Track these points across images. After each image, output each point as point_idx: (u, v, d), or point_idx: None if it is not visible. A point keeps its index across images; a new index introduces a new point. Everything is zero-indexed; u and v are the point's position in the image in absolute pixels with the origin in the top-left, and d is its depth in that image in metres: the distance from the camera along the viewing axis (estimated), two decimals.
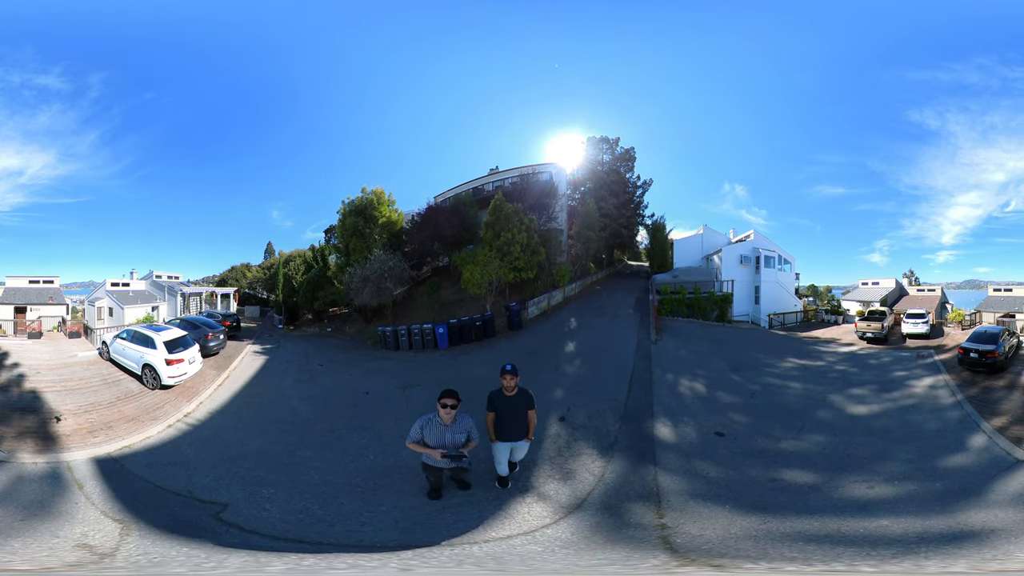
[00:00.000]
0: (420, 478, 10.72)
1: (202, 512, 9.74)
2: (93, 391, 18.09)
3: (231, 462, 12.53)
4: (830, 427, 14.70)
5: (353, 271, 42.42)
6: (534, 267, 39.35)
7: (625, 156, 60.00)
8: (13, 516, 9.15)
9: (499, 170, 56.21)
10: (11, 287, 46.97)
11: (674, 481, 10.71)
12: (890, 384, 20.00)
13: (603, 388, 18.05)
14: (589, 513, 9.29)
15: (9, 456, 12.10)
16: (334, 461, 12.55)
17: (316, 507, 9.93)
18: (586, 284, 49.81)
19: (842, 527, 8.44)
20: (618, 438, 13.29)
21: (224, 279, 79.04)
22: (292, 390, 21.13)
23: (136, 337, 20.94)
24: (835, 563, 7.18)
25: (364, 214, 47.50)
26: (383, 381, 22.96)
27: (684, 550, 7.67)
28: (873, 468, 11.40)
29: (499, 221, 38.54)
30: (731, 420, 15.31)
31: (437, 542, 8.31)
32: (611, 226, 54.80)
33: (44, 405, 15.91)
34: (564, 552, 7.80)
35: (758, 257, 46.60)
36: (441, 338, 31.96)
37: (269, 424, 16.18)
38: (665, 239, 58.70)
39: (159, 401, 17.77)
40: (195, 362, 21.09)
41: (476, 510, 9.45)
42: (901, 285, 61.19)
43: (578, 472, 11.15)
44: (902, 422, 15.11)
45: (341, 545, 8.42)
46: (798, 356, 26.60)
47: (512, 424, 10.12)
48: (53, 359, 23.42)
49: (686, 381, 19.81)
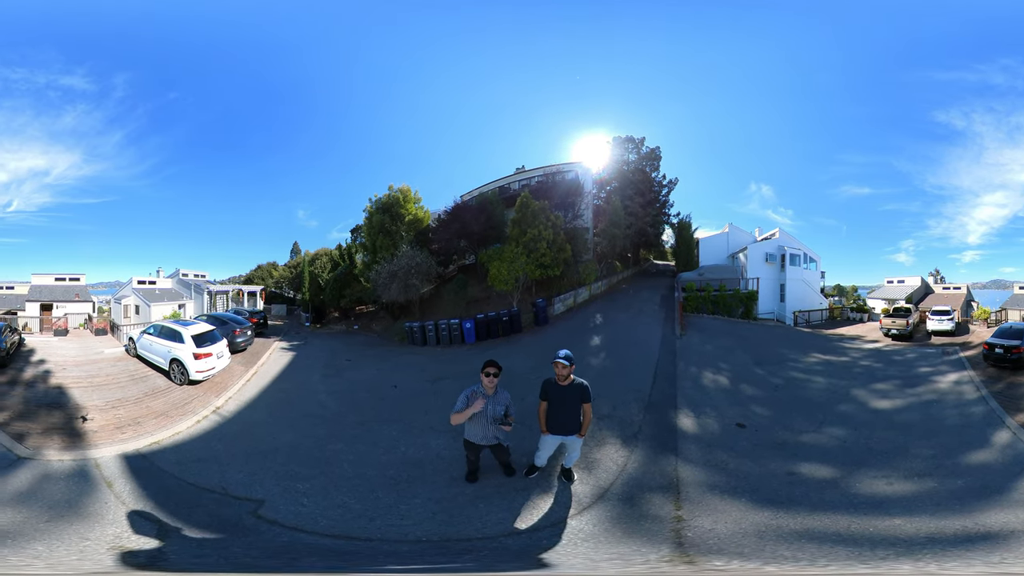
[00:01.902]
0: (451, 469, 10.87)
1: (239, 509, 9.39)
2: (120, 387, 17.87)
3: (263, 456, 12.20)
4: (852, 421, 14.49)
5: (380, 268, 42.37)
6: (560, 264, 39.30)
7: (651, 155, 60.19)
8: (38, 517, 8.77)
9: (525, 169, 56.43)
10: (37, 285, 47.36)
11: (694, 472, 10.69)
12: (914, 379, 19.75)
13: (628, 380, 17.91)
14: (611, 504, 9.22)
15: (35, 453, 11.81)
16: (366, 454, 12.27)
17: (353, 501, 9.66)
18: (612, 282, 49.98)
19: (852, 525, 8.27)
20: (641, 428, 13.25)
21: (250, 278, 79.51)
22: (320, 384, 20.83)
23: (163, 332, 20.72)
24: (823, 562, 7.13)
25: (391, 212, 47.44)
26: (411, 375, 22.64)
27: (690, 545, 7.67)
28: (893, 463, 11.19)
29: (525, 218, 38.53)
30: (753, 412, 15.16)
31: (476, 535, 8.25)
32: (636, 224, 54.68)
33: (70, 401, 15.69)
34: (585, 545, 7.78)
35: (783, 255, 46.66)
36: (468, 333, 31.68)
37: (299, 418, 15.88)
38: (691, 238, 58.95)
39: (187, 396, 17.47)
40: (223, 356, 20.84)
41: (506, 501, 9.34)
42: (926, 283, 62.00)
43: (602, 461, 11.09)
44: (925, 417, 14.86)
45: (387, 540, 8.19)
46: (822, 352, 26.40)
47: (562, 416, 9.57)
48: (79, 356, 23.33)
49: (710, 374, 19.71)
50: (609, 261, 51.91)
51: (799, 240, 50.14)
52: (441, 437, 12.98)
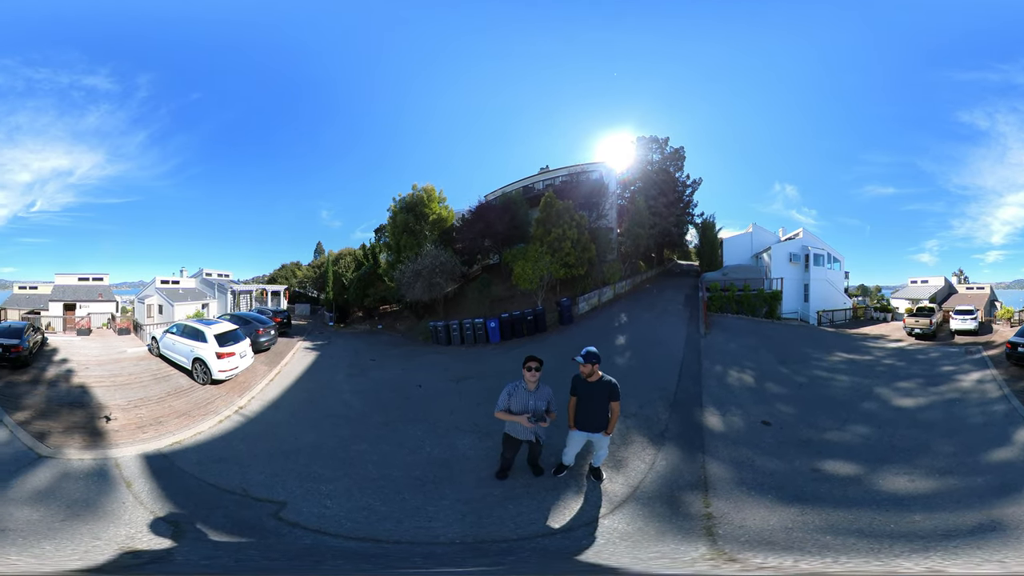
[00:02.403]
0: (478, 469, 10.74)
1: (260, 511, 9.10)
2: (142, 386, 17.73)
3: (285, 457, 11.93)
4: (875, 418, 14.43)
5: (404, 267, 42.23)
6: (585, 263, 39.33)
7: (675, 155, 60.08)
8: (54, 516, 8.64)
9: (549, 169, 56.56)
10: (60, 284, 47.78)
11: (721, 469, 10.68)
12: (937, 378, 19.57)
13: (653, 378, 17.86)
14: (642, 503, 9.16)
15: (55, 452, 11.67)
16: (391, 454, 12.03)
17: (378, 503, 9.38)
18: (636, 282, 49.82)
19: (874, 522, 8.25)
20: (668, 426, 13.22)
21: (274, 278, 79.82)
22: (344, 384, 20.60)
23: (186, 331, 20.58)
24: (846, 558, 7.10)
25: (415, 211, 47.27)
26: (436, 374, 22.38)
27: (723, 541, 7.67)
28: (915, 461, 11.15)
29: (550, 217, 38.62)
30: (778, 410, 15.14)
31: (512, 536, 8.07)
32: (660, 224, 54.46)
33: (93, 400, 15.57)
34: (624, 545, 7.68)
35: (807, 255, 46.97)
36: (493, 332, 31.41)
37: (322, 418, 15.63)
38: (715, 238, 59.37)
39: (210, 396, 17.26)
40: (246, 356, 20.64)
41: (535, 502, 9.17)
42: (950, 283, 62.16)
43: (630, 460, 11.02)
44: (947, 415, 14.75)
45: (418, 543, 7.95)
46: (846, 351, 26.21)
47: (588, 413, 9.42)
48: (102, 355, 23.32)
49: (734, 372, 19.68)
50: (633, 261, 51.63)
51: (823, 240, 50.16)
52: (467, 437, 12.84)
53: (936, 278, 62.16)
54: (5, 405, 14.66)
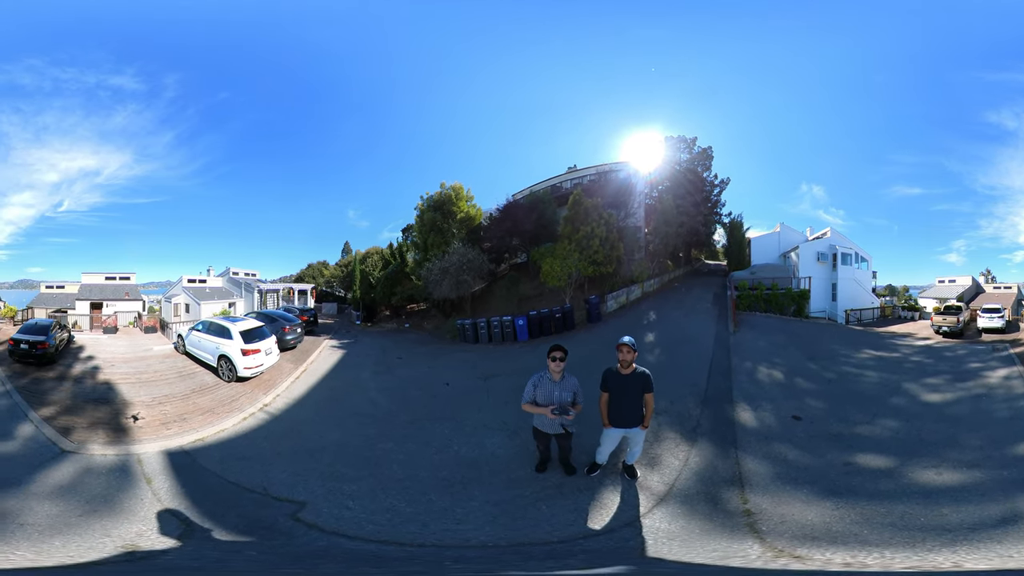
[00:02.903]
0: (508, 469, 10.49)
1: (277, 511, 8.84)
2: (168, 383, 17.72)
3: (309, 456, 11.70)
4: (903, 413, 14.43)
5: (431, 264, 42.12)
6: (613, 261, 39.01)
7: (702, 155, 59.76)
8: (72, 511, 8.58)
9: (577, 168, 56.39)
10: (87, 283, 48.31)
11: (755, 464, 10.57)
12: (964, 374, 19.44)
13: (683, 375, 17.64)
14: (679, 500, 8.98)
15: (79, 447, 11.66)
16: (417, 454, 11.70)
17: (403, 504, 9.06)
18: (664, 281, 49.38)
19: (905, 514, 8.19)
20: (700, 422, 13.08)
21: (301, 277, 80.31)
22: (370, 382, 20.37)
23: (212, 328, 20.56)
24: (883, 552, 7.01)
25: (442, 209, 47.18)
26: (463, 372, 22.08)
27: (770, 538, 7.55)
28: (943, 454, 11.08)
29: (578, 215, 38.36)
30: (808, 405, 15.07)
31: (550, 538, 7.76)
32: (688, 223, 53.98)
33: (118, 397, 15.58)
34: (674, 544, 7.43)
35: (835, 254, 47.02)
36: (521, 330, 31.07)
37: (348, 416, 15.39)
38: (742, 237, 58.95)
39: (235, 393, 17.14)
40: (272, 353, 20.51)
41: (570, 501, 8.90)
42: (977, 283, 62.60)
43: (663, 457, 10.85)
44: (975, 410, 14.64)
45: (446, 546, 7.64)
46: (874, 348, 26.07)
47: (625, 408, 9.10)
48: (128, 352, 23.55)
49: (764, 369, 19.59)
50: (661, 260, 51.33)
51: (850, 239, 50.09)
52: (495, 435, 12.54)
53: (963, 278, 62.44)
54: (31, 401, 14.77)
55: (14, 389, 15.87)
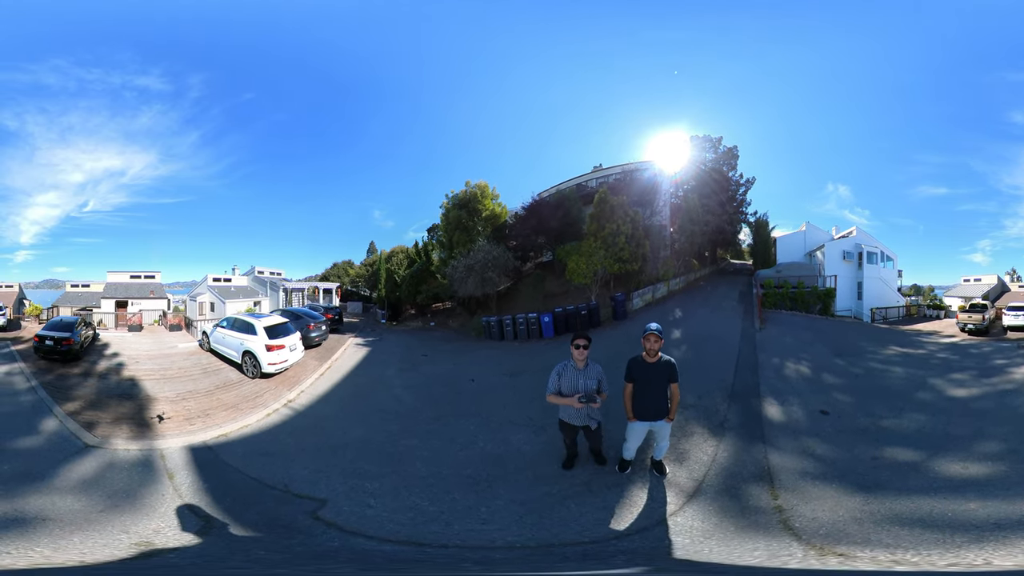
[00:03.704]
0: (534, 466, 10.28)
1: (298, 509, 8.68)
2: (192, 380, 17.79)
3: (332, 452, 11.56)
4: (930, 407, 14.28)
5: (457, 262, 42.07)
6: (639, 259, 38.74)
7: (728, 155, 59.41)
8: (94, 506, 8.49)
9: (602, 168, 56.51)
10: (112, 282, 48.91)
11: (783, 459, 10.39)
12: (990, 370, 19.21)
13: (710, 371, 17.43)
14: (709, 497, 8.74)
15: (102, 442, 11.63)
16: (441, 450, 11.54)
17: (426, 503, 8.83)
18: (690, 279, 49.41)
19: (933, 510, 8.00)
20: (727, 417, 12.89)
21: (326, 276, 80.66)
22: (395, 379, 20.23)
23: (237, 324, 20.62)
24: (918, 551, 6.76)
25: (468, 207, 47.20)
26: (489, 369, 21.92)
27: (806, 535, 7.34)
28: (969, 448, 10.92)
29: (604, 213, 38.17)
30: (835, 399, 14.89)
31: (581, 539, 7.50)
32: (714, 222, 53.71)
33: (142, 392, 15.62)
34: (711, 543, 7.21)
35: (860, 253, 47.45)
36: (546, 327, 30.89)
37: (371, 413, 15.23)
38: (768, 236, 59.43)
39: (259, 390, 17.10)
40: (296, 349, 20.47)
41: (599, 499, 8.65)
42: (1003, 282, 63.13)
43: (691, 452, 10.68)
44: (1000, 404, 14.37)
45: (468, 547, 7.39)
46: (900, 345, 26.09)
47: (652, 399, 8.86)
48: (152, 350, 23.82)
49: (791, 364, 19.44)
50: (686, 258, 51.04)
51: (876, 239, 50.20)
52: (521, 432, 12.39)
53: (989, 276, 62.63)
54: (56, 396, 14.87)
55: (39, 385, 16.02)
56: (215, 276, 50.43)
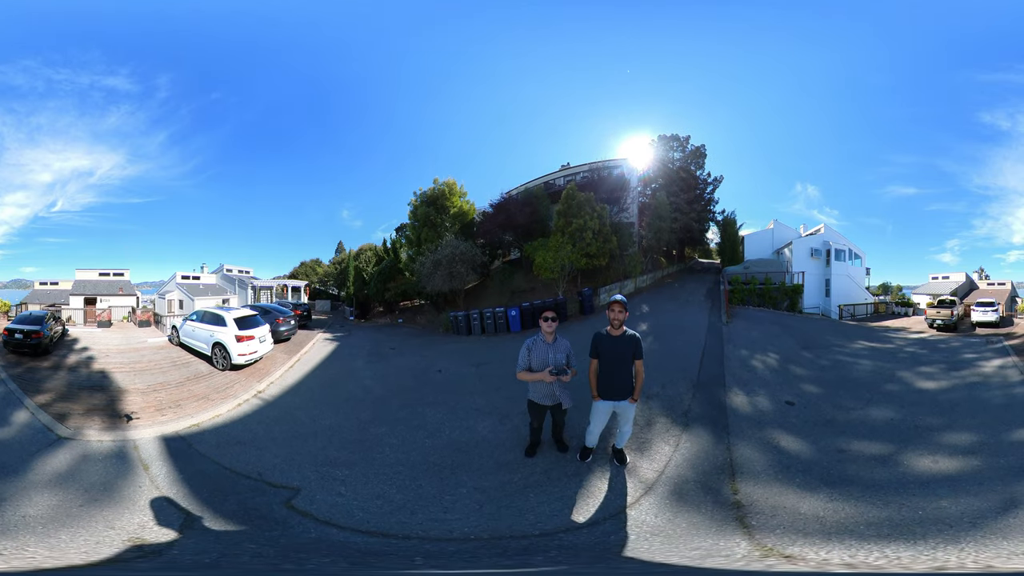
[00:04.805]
0: (497, 453, 10.49)
1: (273, 498, 8.81)
2: (162, 372, 17.93)
3: (302, 440, 11.80)
4: (898, 399, 14.35)
5: (424, 258, 42.14)
6: (606, 254, 39.41)
7: (696, 153, 60.42)
8: (73, 500, 8.51)
9: (570, 166, 56.77)
10: (81, 279, 48.38)
11: (746, 451, 10.36)
12: (959, 364, 19.66)
13: (675, 361, 17.81)
14: (668, 489, 8.65)
15: (75, 434, 11.72)
16: (409, 438, 11.75)
17: (394, 491, 9.00)
18: (657, 277, 50.45)
19: (903, 506, 7.89)
20: (691, 407, 12.95)
21: (295, 274, 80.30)
22: (364, 370, 20.56)
23: (206, 317, 20.84)
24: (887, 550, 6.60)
25: (436, 204, 47.32)
26: (456, 360, 22.30)
27: (759, 533, 7.21)
28: (939, 441, 11.03)
29: (571, 208, 38.70)
30: (802, 391, 15.03)
31: (533, 531, 7.48)
32: (682, 220, 54.42)
33: (113, 384, 15.72)
34: (656, 540, 7.10)
35: (828, 250, 48.10)
36: (513, 321, 31.36)
37: (341, 402, 15.54)
38: (736, 234, 59.74)
39: (229, 381, 17.32)
40: (265, 341, 20.71)
41: (557, 489, 8.69)
42: (971, 280, 63.27)
43: (653, 442, 10.66)
44: (969, 397, 14.63)
45: (429, 538, 7.45)
46: (868, 340, 26.75)
47: (614, 376, 8.70)
48: (123, 344, 23.80)
49: (757, 356, 19.64)
50: (654, 256, 51.72)
51: (844, 236, 50.80)
52: (486, 420, 12.68)
53: (957, 274, 63.25)
54: (26, 389, 14.86)
55: (8, 378, 15.98)
56: (184, 274, 50.09)
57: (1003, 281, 59.89)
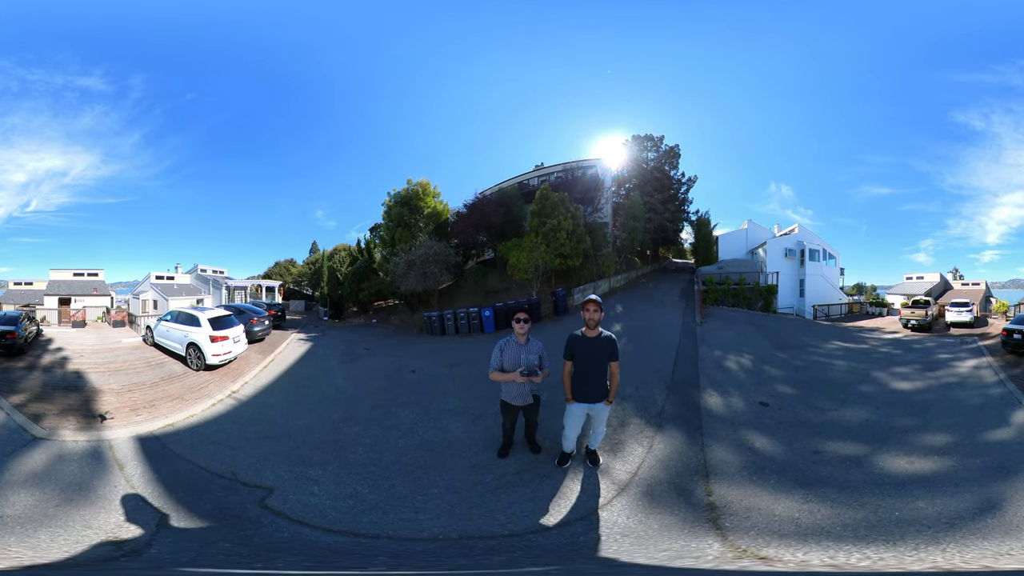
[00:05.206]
0: (469, 453, 10.55)
1: (247, 498, 8.92)
2: (137, 372, 17.99)
3: (276, 440, 11.95)
4: (873, 400, 14.53)
5: (398, 258, 42.24)
6: (580, 254, 39.73)
7: (670, 153, 61.16)
8: (50, 500, 8.56)
9: (544, 166, 57.05)
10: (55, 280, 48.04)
11: (720, 452, 10.40)
12: (933, 364, 20.00)
13: (649, 362, 17.98)
14: (641, 490, 8.66)
15: (50, 434, 11.79)
16: (382, 438, 11.85)
17: (366, 491, 9.07)
18: (631, 277, 50.96)
19: (880, 508, 7.93)
20: (665, 407, 13.04)
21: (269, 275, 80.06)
22: (338, 370, 20.72)
23: (180, 317, 20.91)
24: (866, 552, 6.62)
25: (410, 204, 47.49)
26: (429, 361, 22.50)
27: (733, 534, 7.20)
28: (914, 441, 11.12)
29: (545, 209, 38.98)
30: (776, 391, 15.18)
31: (501, 532, 7.54)
32: (656, 220, 54.89)
33: (87, 384, 15.77)
34: (627, 541, 7.08)
35: (803, 250, 48.44)
36: (487, 321, 31.66)
37: (315, 402, 15.70)
38: (710, 234, 60.26)
39: (203, 381, 17.44)
40: (240, 341, 20.86)
41: (529, 490, 8.73)
42: (945, 280, 64.09)
43: (626, 443, 10.69)
44: (944, 397, 14.88)
45: (397, 538, 7.51)
46: (842, 340, 26.99)
47: (589, 378, 8.60)
48: (97, 344, 23.80)
49: (732, 357, 19.96)
50: (628, 256, 52.08)
51: (819, 237, 51.12)
52: (460, 420, 12.86)
53: (931, 274, 63.68)
54: (0, 389, 14.83)
55: None
56: (158, 274, 49.90)
57: (977, 281, 60.15)
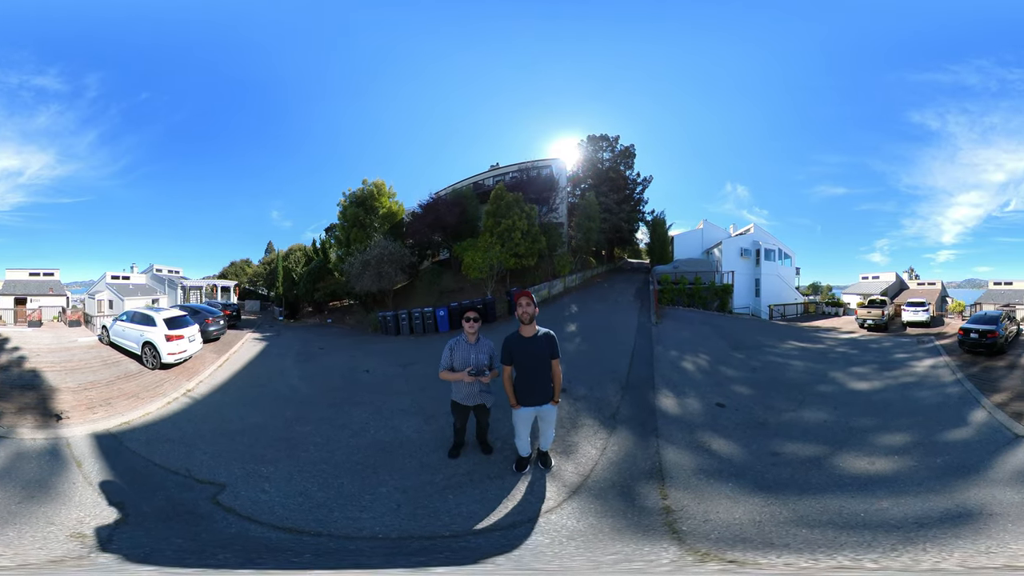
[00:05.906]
0: (420, 453, 10.58)
1: (199, 494, 9.09)
2: (93, 371, 18.15)
3: (230, 438, 12.21)
4: (831, 400, 14.67)
5: (353, 258, 42.29)
6: (535, 254, 40.04)
7: (625, 153, 61.48)
8: (11, 498, 8.70)
9: (500, 166, 56.93)
10: (11, 279, 47.34)
11: (676, 455, 10.31)
12: (891, 364, 20.23)
13: (604, 363, 18.05)
14: (593, 494, 8.58)
15: (8, 432, 12.00)
16: (334, 437, 12.01)
17: (316, 489, 9.22)
18: (586, 277, 51.11)
19: (843, 510, 7.94)
20: (619, 409, 13.05)
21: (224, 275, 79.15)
22: (293, 370, 21.06)
23: (136, 317, 21.12)
24: (840, 556, 6.55)
25: (365, 205, 47.74)
26: (384, 360, 22.85)
27: (691, 539, 7.09)
28: (874, 442, 11.18)
29: (500, 209, 39.17)
30: (733, 392, 15.28)
31: (442, 532, 7.53)
32: (611, 220, 55.35)
33: (44, 383, 15.93)
34: (573, 545, 7.02)
35: (758, 250, 48.30)
36: (442, 321, 32.03)
37: (269, 401, 15.97)
38: (665, 234, 60.76)
39: (159, 380, 17.75)
40: (195, 340, 21.21)
41: (479, 491, 8.69)
42: (901, 280, 63.10)
43: (579, 445, 10.69)
44: (903, 397, 15.09)
45: (336, 536, 7.57)
46: (799, 340, 27.17)
47: (531, 380, 8.31)
48: (53, 344, 23.63)
49: (688, 357, 20.07)
50: (583, 256, 52.58)
51: (774, 236, 51.29)
52: (412, 420, 12.97)
53: (887, 274, 63.08)
54: None
55: None
56: (113, 274, 49.39)
57: (933, 281, 60.01)
